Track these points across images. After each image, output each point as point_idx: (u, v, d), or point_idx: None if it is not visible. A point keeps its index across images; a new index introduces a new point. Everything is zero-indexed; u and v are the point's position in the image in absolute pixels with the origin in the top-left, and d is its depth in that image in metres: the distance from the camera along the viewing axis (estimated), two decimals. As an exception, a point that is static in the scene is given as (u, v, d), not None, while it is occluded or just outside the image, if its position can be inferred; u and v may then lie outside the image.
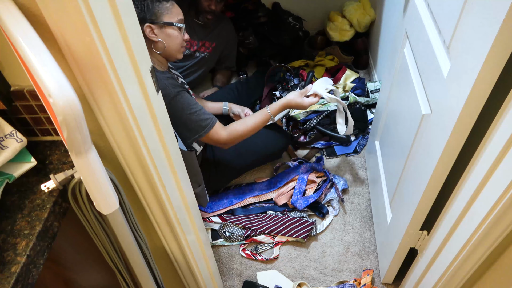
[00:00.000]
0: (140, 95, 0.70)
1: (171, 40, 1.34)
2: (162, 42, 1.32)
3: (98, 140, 0.75)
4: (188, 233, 1.01)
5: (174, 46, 1.36)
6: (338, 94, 1.62)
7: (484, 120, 0.78)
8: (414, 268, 1.26)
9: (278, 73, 2.20)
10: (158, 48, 1.34)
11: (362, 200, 1.77)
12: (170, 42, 1.34)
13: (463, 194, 0.88)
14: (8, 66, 0.66)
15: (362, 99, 2.02)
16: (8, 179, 0.68)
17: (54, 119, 0.56)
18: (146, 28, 1.28)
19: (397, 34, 1.34)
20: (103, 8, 0.56)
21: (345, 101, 1.98)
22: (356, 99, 2.00)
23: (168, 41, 1.34)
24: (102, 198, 0.67)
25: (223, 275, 1.56)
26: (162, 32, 1.32)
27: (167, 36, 1.33)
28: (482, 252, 0.89)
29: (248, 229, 1.65)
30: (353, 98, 1.99)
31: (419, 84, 1.07)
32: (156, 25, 1.30)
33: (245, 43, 2.29)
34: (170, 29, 1.33)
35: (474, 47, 0.72)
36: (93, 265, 0.90)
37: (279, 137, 1.80)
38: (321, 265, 1.57)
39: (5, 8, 0.53)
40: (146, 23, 1.28)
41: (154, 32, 1.30)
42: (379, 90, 2.06)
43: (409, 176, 1.14)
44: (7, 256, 0.60)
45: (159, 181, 0.81)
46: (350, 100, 1.98)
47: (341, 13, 2.41)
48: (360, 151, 1.97)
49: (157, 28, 1.30)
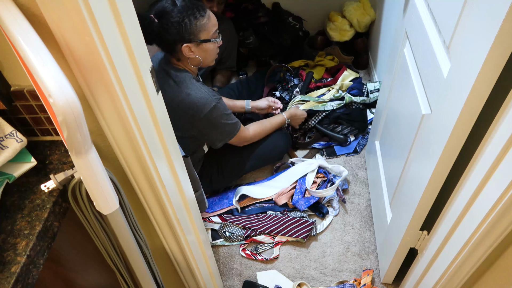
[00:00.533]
0: (140, 95, 0.70)
1: (207, 54, 1.37)
2: (199, 58, 1.35)
3: (98, 140, 0.75)
4: (188, 233, 1.01)
5: (209, 58, 1.39)
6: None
7: (484, 120, 0.78)
8: (414, 268, 1.26)
9: (278, 73, 2.20)
10: (194, 63, 1.38)
11: (362, 200, 1.77)
12: (206, 56, 1.37)
13: (463, 194, 0.88)
14: (8, 66, 0.66)
15: (358, 99, 2.02)
16: (8, 179, 0.68)
17: (54, 119, 0.56)
18: (184, 48, 1.29)
19: (397, 34, 1.34)
20: (103, 8, 0.56)
21: (341, 101, 1.99)
22: (352, 99, 2.00)
23: (205, 56, 1.36)
24: (102, 198, 0.67)
25: (223, 275, 1.56)
26: (199, 49, 1.34)
27: (204, 52, 1.35)
28: (482, 252, 0.89)
29: (248, 229, 1.65)
30: (348, 98, 1.99)
31: (419, 84, 1.07)
32: (193, 43, 1.31)
33: (246, 43, 2.29)
34: (208, 44, 1.34)
35: (474, 47, 0.72)
36: (93, 265, 0.90)
37: (282, 140, 1.81)
38: (321, 265, 1.57)
39: (5, 8, 0.53)
40: (185, 43, 1.28)
41: (191, 50, 1.32)
42: (378, 90, 2.06)
43: (409, 176, 1.14)
44: (7, 256, 0.60)
45: (159, 181, 0.81)
46: (346, 100, 1.98)
47: (341, 13, 2.41)
48: (360, 151, 1.97)
49: (194, 46, 1.31)
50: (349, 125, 1.98)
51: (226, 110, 1.45)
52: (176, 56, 1.36)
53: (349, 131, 1.98)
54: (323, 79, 2.25)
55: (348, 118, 1.97)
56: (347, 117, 1.97)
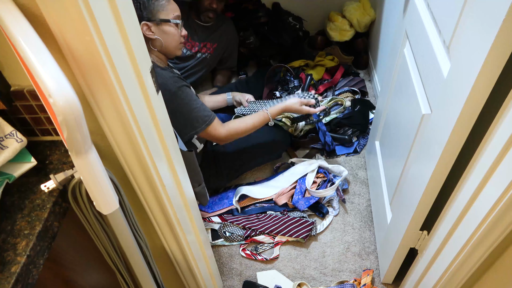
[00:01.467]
0: (140, 95, 0.70)
1: (168, 37, 1.35)
2: (160, 39, 1.33)
3: (98, 140, 0.75)
4: (188, 233, 1.01)
5: (172, 42, 1.36)
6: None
7: (484, 120, 0.78)
8: (414, 268, 1.26)
9: (278, 73, 2.20)
10: (155, 45, 1.35)
11: (362, 200, 1.77)
12: (167, 39, 1.35)
13: (463, 194, 0.88)
14: (8, 66, 0.66)
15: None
16: (8, 179, 0.68)
17: (54, 119, 0.56)
18: (142, 26, 1.29)
19: (397, 34, 1.34)
20: (103, 8, 0.56)
21: (340, 105, 2.06)
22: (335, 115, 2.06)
23: (166, 38, 1.34)
24: (102, 198, 0.67)
25: (223, 275, 1.56)
26: (159, 30, 1.32)
27: (164, 33, 1.34)
28: (482, 252, 0.89)
29: (248, 229, 1.65)
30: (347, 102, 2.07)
31: (419, 84, 1.07)
32: (153, 23, 1.30)
33: (246, 43, 2.29)
34: (167, 26, 1.33)
35: (474, 47, 0.72)
36: (93, 265, 0.90)
37: (280, 137, 1.80)
38: (321, 265, 1.57)
39: (5, 8, 0.53)
40: (143, 21, 1.28)
41: (151, 30, 1.31)
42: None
43: (409, 176, 1.14)
44: (7, 256, 0.60)
45: (159, 181, 0.81)
46: (345, 104, 2.06)
47: (341, 13, 2.41)
48: (360, 151, 1.97)
49: (154, 25, 1.31)
50: (350, 127, 1.99)
51: (192, 100, 1.37)
52: None
53: (351, 132, 1.99)
54: (323, 80, 2.25)
55: (349, 122, 1.99)
56: (348, 121, 1.99)
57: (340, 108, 2.06)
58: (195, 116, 1.40)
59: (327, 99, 2.10)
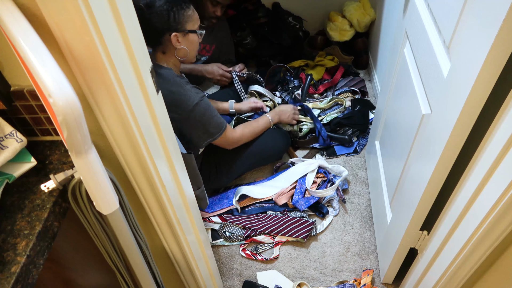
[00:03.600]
0: (140, 95, 0.70)
1: (192, 46, 1.41)
2: (186, 49, 1.38)
3: (98, 140, 0.75)
4: (188, 233, 1.01)
5: (194, 51, 1.43)
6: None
7: (484, 120, 0.78)
8: (414, 268, 1.26)
9: (278, 73, 2.20)
10: (180, 54, 1.40)
11: (362, 200, 1.77)
12: (191, 47, 1.41)
13: (463, 194, 0.88)
14: (8, 66, 0.66)
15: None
16: (8, 179, 0.68)
17: (54, 119, 0.56)
18: (173, 37, 1.33)
19: (397, 34, 1.34)
20: (103, 8, 0.56)
21: (340, 105, 2.07)
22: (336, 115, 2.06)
23: (190, 47, 1.40)
24: (102, 198, 0.67)
25: (223, 275, 1.56)
26: (185, 39, 1.37)
27: (189, 43, 1.39)
28: (482, 252, 0.89)
29: (248, 229, 1.65)
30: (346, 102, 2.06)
31: (419, 84, 1.07)
32: (181, 33, 1.35)
33: (243, 43, 2.29)
34: (193, 36, 1.38)
35: (474, 47, 0.72)
36: (93, 265, 0.90)
37: (280, 139, 1.81)
38: (321, 265, 1.57)
39: (5, 8, 0.53)
40: (173, 32, 1.32)
41: (179, 40, 1.35)
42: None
43: (409, 176, 1.14)
44: (7, 256, 0.60)
45: (159, 181, 0.81)
46: (345, 104, 2.06)
47: (341, 13, 2.41)
48: (360, 151, 1.97)
49: (182, 36, 1.35)
50: (351, 127, 1.99)
51: (210, 109, 1.44)
52: (162, 49, 1.38)
53: (351, 132, 1.99)
54: (323, 80, 2.25)
55: (349, 122, 1.98)
56: (348, 121, 1.99)
57: (340, 108, 2.06)
58: (213, 124, 1.47)
59: (327, 99, 2.10)
